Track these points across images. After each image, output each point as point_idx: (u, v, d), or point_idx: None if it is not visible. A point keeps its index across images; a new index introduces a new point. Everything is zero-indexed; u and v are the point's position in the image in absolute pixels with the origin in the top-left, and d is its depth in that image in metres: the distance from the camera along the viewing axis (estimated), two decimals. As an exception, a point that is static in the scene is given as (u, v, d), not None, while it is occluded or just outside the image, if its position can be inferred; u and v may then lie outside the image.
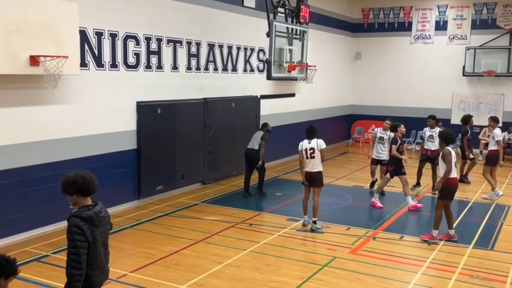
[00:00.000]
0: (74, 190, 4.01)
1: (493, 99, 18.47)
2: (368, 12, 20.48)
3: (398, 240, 8.51)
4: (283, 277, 6.81)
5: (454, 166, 8.19)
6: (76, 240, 3.87)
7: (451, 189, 8.21)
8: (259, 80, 14.01)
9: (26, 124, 8.07)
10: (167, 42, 10.85)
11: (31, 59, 7.39)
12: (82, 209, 4.03)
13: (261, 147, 11.06)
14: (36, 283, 6.47)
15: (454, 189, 8.26)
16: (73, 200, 4.07)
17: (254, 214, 9.90)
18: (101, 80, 9.34)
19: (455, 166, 8.23)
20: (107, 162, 9.50)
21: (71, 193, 4.03)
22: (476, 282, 6.76)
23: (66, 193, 4.06)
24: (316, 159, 8.85)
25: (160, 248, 7.86)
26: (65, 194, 4.08)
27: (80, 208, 4.04)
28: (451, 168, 8.08)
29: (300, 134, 9.79)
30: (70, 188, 4.01)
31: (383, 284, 6.72)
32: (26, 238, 8.12)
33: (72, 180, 4.01)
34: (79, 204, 4.07)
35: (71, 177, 4.03)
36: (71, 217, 3.96)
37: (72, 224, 3.91)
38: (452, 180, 8.18)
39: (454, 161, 8.20)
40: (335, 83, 19.47)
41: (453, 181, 8.21)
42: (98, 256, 4.04)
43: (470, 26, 18.59)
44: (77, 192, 4.02)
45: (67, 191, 4.04)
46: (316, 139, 8.88)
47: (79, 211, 4.00)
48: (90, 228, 3.94)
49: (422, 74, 19.34)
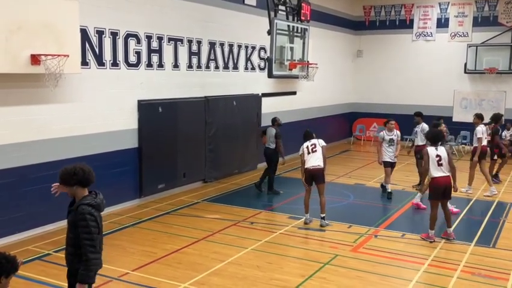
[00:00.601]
0: (75, 181, 4.19)
1: (494, 97, 18.42)
2: (369, 9, 20.44)
3: (400, 238, 8.51)
4: (284, 275, 6.81)
5: (436, 165, 8.09)
6: (91, 227, 4.13)
7: (434, 189, 8.16)
8: (260, 78, 14.00)
9: (28, 123, 8.08)
10: (168, 40, 10.84)
11: (32, 58, 7.39)
12: (86, 198, 4.22)
13: (278, 146, 11.04)
14: (38, 282, 6.49)
15: (437, 188, 8.12)
16: (72, 191, 4.25)
17: (255, 212, 9.91)
18: (102, 79, 9.34)
19: (437, 165, 8.10)
20: (109, 161, 9.50)
21: (72, 184, 4.20)
22: (478, 280, 6.75)
23: (66, 184, 4.22)
24: (318, 152, 9.01)
25: (161, 246, 7.86)
26: (64, 185, 4.24)
27: (84, 198, 4.21)
28: (427, 168, 8.18)
29: (301, 132, 9.78)
30: (71, 180, 4.18)
31: (384, 282, 6.72)
32: (27, 237, 8.14)
33: (73, 171, 4.18)
34: (77, 195, 4.25)
35: (71, 169, 4.20)
36: (81, 205, 4.15)
37: (85, 211, 4.13)
38: (434, 179, 8.14)
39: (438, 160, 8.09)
40: (336, 80, 19.44)
41: (435, 180, 8.12)
42: (101, 241, 4.35)
43: (471, 23, 18.54)
44: (78, 183, 4.20)
45: (68, 182, 4.21)
46: (316, 139, 9.19)
47: (87, 199, 4.20)
48: (98, 215, 4.24)
49: (423, 72, 19.30)
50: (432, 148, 8.28)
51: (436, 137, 8.50)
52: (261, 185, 11.52)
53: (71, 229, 4.29)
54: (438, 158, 8.13)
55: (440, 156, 8.14)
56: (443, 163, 8.14)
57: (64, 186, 4.25)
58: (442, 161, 8.14)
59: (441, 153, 8.18)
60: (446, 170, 8.17)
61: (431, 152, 8.20)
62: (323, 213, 9.00)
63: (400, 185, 12.37)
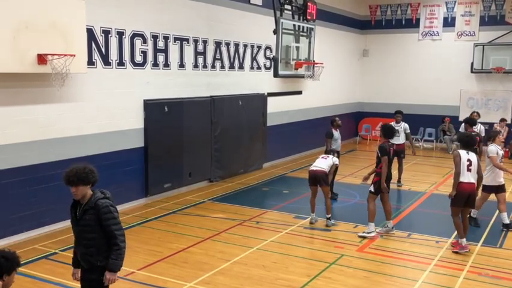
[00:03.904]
0: (94, 180, 4.28)
1: (501, 96, 18.31)
2: (375, 8, 20.38)
3: (406, 238, 8.48)
4: (290, 275, 6.81)
5: (465, 170, 7.62)
6: (117, 217, 4.32)
7: (458, 195, 7.65)
8: (266, 78, 13.99)
9: (34, 122, 8.11)
10: (174, 40, 10.86)
11: (39, 58, 7.42)
12: (97, 194, 4.31)
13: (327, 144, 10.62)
14: (44, 280, 6.52)
15: (462, 194, 7.62)
16: (85, 191, 4.27)
17: (261, 212, 9.90)
18: (109, 79, 9.36)
19: (466, 169, 7.64)
20: (115, 160, 9.53)
21: (89, 183, 4.26)
22: (484, 280, 6.72)
23: (84, 184, 4.24)
24: (323, 161, 9.16)
25: (167, 245, 7.88)
26: (83, 186, 4.23)
27: (94, 195, 4.29)
28: (458, 171, 7.65)
29: (307, 131, 9.79)
30: (92, 177, 4.26)
31: (390, 282, 6.70)
32: (34, 236, 8.17)
33: (89, 170, 4.25)
34: (87, 195, 4.29)
35: (86, 169, 4.25)
36: (100, 200, 4.25)
37: (108, 204, 4.27)
38: (459, 185, 7.65)
39: (468, 164, 7.64)
40: (342, 80, 19.40)
41: (461, 186, 7.64)
42: None
43: (478, 22, 18.43)
44: (94, 181, 4.30)
45: (86, 182, 4.24)
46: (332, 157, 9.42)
47: (99, 195, 4.30)
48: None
49: (430, 71, 19.22)
50: (464, 152, 7.78)
51: (470, 141, 7.98)
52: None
53: (90, 229, 4.29)
54: (469, 163, 7.67)
55: (470, 161, 7.69)
56: (472, 169, 7.68)
57: (81, 186, 4.24)
58: (472, 167, 7.68)
59: (472, 159, 7.74)
60: (473, 178, 7.72)
61: (463, 155, 7.73)
62: (328, 214, 9.02)
63: (406, 185, 12.32)
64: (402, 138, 12.08)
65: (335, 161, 9.40)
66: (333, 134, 10.48)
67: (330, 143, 10.37)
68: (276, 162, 14.97)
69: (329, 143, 10.37)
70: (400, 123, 12.25)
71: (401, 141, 12.02)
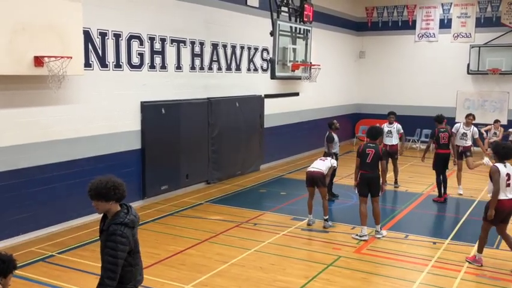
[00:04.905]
0: (117, 197, 3.81)
1: (498, 97, 18.38)
2: (371, 10, 20.42)
3: (403, 239, 8.49)
4: (288, 276, 6.81)
5: (505, 186, 6.90)
6: (119, 250, 3.73)
7: (497, 213, 6.95)
8: (263, 79, 14.01)
9: (31, 125, 8.09)
10: (171, 42, 10.86)
11: (36, 60, 7.41)
12: (119, 215, 3.82)
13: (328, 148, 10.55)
14: (41, 283, 6.49)
15: (501, 212, 6.96)
16: (106, 207, 3.83)
17: (258, 213, 9.90)
18: (105, 80, 9.35)
19: (506, 186, 6.91)
20: (112, 162, 9.51)
21: (110, 200, 3.80)
22: (481, 281, 6.73)
23: (105, 200, 3.79)
24: (321, 163, 9.20)
25: (164, 247, 7.87)
26: (101, 201, 3.80)
27: (116, 215, 3.83)
28: (498, 188, 6.87)
29: (304, 133, 9.79)
30: (114, 195, 3.79)
31: (388, 283, 6.71)
32: (31, 238, 8.14)
33: (112, 186, 3.78)
34: (111, 211, 3.85)
35: (110, 183, 3.79)
36: (112, 225, 3.77)
37: (116, 232, 3.74)
38: (500, 202, 6.91)
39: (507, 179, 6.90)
40: (339, 81, 19.43)
41: (500, 203, 6.91)
42: (140, 257, 4.00)
43: (474, 24, 18.50)
44: (117, 199, 3.82)
45: (106, 198, 3.79)
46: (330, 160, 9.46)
47: (120, 217, 3.80)
48: (131, 232, 3.84)
49: (426, 73, 19.28)
50: (501, 165, 6.99)
51: (508, 153, 7.07)
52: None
53: (102, 249, 3.89)
54: (508, 177, 6.93)
55: (509, 176, 6.95)
56: (511, 183, 6.94)
57: (101, 202, 3.80)
58: (510, 181, 6.94)
59: (511, 172, 7.01)
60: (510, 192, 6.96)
61: (502, 170, 6.94)
62: (325, 216, 9.03)
63: (403, 186, 12.35)
64: (395, 139, 12.11)
65: (333, 163, 9.41)
66: (334, 138, 10.46)
67: (332, 147, 10.37)
68: (274, 164, 14.97)
69: (331, 147, 10.37)
70: (393, 124, 12.27)
71: (394, 142, 12.08)
